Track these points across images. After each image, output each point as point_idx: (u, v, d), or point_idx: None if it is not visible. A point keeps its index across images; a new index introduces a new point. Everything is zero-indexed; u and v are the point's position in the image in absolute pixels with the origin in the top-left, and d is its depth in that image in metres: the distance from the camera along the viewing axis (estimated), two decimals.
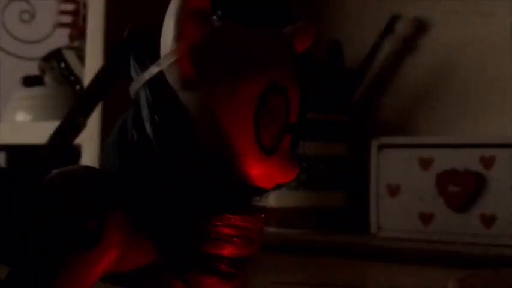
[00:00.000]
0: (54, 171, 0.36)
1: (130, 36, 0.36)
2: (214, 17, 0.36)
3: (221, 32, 0.35)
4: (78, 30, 1.22)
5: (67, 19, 1.26)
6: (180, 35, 0.34)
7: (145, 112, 0.35)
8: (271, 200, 0.95)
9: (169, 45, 0.34)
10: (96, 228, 0.34)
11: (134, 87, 0.36)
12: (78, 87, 1.09)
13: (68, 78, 1.13)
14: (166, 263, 0.36)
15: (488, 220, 0.83)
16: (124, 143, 0.36)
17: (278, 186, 0.37)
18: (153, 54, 0.35)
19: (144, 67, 0.35)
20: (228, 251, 0.36)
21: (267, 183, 0.36)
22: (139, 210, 0.35)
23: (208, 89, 0.34)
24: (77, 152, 0.96)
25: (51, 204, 0.34)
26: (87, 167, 0.37)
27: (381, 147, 0.91)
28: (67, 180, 0.36)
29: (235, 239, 0.36)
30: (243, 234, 0.36)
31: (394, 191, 0.89)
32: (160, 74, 0.35)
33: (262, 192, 0.36)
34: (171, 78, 0.34)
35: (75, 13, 1.24)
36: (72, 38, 1.23)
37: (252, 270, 0.38)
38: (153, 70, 0.35)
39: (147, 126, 0.35)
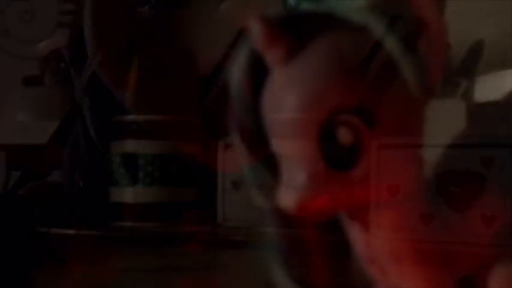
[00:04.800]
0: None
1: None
2: (147, 7, 0.34)
3: (149, 21, 0.34)
4: (78, 30, 1.22)
5: (67, 19, 1.26)
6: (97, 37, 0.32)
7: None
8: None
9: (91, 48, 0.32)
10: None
11: (77, 94, 0.34)
12: None
13: (68, 78, 1.13)
14: None
15: (488, 220, 0.83)
16: (74, 153, 0.34)
17: None
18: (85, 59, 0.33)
19: (79, 73, 0.33)
20: None
21: None
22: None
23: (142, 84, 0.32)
24: None
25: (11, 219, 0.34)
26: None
27: (380, 147, 0.90)
28: (17, 203, 0.35)
29: None
30: None
31: (393, 191, 0.89)
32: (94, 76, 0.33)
33: None
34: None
35: (75, 13, 1.24)
36: (72, 38, 1.23)
37: None
38: (85, 75, 0.33)
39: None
